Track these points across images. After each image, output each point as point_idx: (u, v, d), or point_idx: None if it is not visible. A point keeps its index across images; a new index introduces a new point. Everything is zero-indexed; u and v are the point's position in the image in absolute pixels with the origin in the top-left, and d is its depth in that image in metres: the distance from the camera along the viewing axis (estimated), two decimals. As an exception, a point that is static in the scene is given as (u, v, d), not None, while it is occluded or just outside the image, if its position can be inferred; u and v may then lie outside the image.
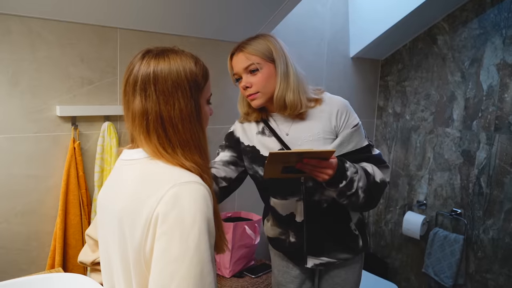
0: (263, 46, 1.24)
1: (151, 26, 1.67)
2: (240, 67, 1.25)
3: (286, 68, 1.25)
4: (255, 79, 1.24)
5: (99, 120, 1.60)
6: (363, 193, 1.22)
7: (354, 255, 1.40)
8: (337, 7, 2.43)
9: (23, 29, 1.39)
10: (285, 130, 1.32)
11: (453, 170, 2.49)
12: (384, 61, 2.83)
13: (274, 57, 1.25)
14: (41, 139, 1.48)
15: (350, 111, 1.32)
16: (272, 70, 1.25)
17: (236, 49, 1.28)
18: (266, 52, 1.24)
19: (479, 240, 2.40)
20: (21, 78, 1.41)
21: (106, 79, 1.60)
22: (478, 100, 2.34)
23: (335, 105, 1.31)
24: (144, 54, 0.85)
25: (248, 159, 1.36)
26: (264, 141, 1.33)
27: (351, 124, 1.30)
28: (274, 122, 1.34)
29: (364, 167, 1.26)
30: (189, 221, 0.70)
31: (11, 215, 1.46)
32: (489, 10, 2.26)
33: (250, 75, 1.24)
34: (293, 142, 1.30)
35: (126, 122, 0.84)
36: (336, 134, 1.30)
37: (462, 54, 2.40)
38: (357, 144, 1.30)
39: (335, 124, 1.29)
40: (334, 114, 1.29)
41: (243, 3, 1.73)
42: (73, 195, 1.52)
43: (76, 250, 1.54)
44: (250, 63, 1.23)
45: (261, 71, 1.23)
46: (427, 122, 2.61)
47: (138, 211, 0.74)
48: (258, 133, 1.36)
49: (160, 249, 0.70)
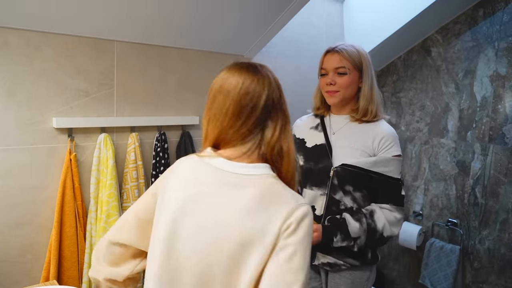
0: (357, 56, 1.40)
1: (149, 38, 1.68)
2: (332, 65, 1.40)
3: (372, 82, 1.42)
4: (341, 80, 1.39)
5: (95, 132, 1.61)
6: (360, 248, 1.36)
7: (362, 264, 1.43)
8: (332, 19, 2.47)
9: (21, 41, 1.40)
10: (334, 129, 1.47)
11: (448, 180, 2.51)
12: (380, 72, 2.86)
13: (362, 69, 1.41)
14: (38, 151, 1.49)
15: (395, 142, 1.41)
16: (356, 79, 1.41)
17: (333, 49, 1.42)
18: (357, 61, 1.40)
19: (475, 250, 2.41)
20: (18, 90, 1.42)
21: (103, 91, 1.61)
22: (472, 111, 2.37)
23: (384, 131, 1.41)
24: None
25: (295, 148, 1.49)
26: (313, 135, 1.49)
27: (392, 152, 1.39)
28: (329, 121, 1.49)
29: (373, 225, 1.35)
30: (310, 238, 0.78)
31: (6, 227, 1.45)
32: (481, 22, 2.30)
33: (338, 75, 1.39)
34: (335, 141, 1.44)
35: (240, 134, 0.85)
36: (374, 155, 1.40)
37: (456, 65, 2.43)
38: (390, 172, 1.37)
39: (375, 147, 1.39)
40: (378, 138, 1.39)
41: (239, 16, 1.75)
42: (68, 207, 1.51)
43: (71, 262, 1.53)
44: (341, 65, 1.38)
45: (348, 75, 1.39)
46: (422, 132, 2.63)
47: (264, 227, 0.76)
48: (312, 128, 1.52)
49: (283, 258, 0.74)
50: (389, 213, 1.37)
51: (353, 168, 1.36)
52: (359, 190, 1.38)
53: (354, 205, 1.38)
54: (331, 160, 1.40)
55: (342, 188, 1.38)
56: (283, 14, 1.83)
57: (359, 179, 1.37)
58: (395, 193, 1.38)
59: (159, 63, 1.76)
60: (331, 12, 2.45)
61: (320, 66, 1.45)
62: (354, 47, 1.42)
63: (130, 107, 1.68)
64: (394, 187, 1.38)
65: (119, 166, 1.68)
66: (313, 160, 1.44)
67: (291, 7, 1.79)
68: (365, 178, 1.36)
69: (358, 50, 1.42)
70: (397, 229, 1.38)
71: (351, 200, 1.39)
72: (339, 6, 2.49)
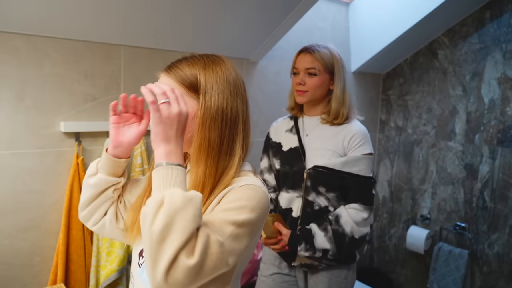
0: (329, 59, 1.41)
1: (155, 43, 1.69)
2: (303, 66, 1.42)
3: (344, 85, 1.43)
4: (310, 81, 1.41)
5: (102, 136, 1.62)
6: (334, 255, 1.37)
7: (338, 263, 1.44)
8: (338, 22, 2.46)
9: (30, 47, 1.42)
10: (307, 131, 1.48)
11: (456, 184, 2.49)
12: (386, 76, 2.85)
13: (334, 71, 1.43)
14: (46, 155, 1.50)
15: (366, 140, 1.42)
16: (326, 80, 1.43)
17: (306, 49, 1.44)
18: (329, 64, 1.42)
19: (484, 255, 2.38)
20: (27, 95, 1.44)
21: (110, 95, 1.62)
22: (480, 113, 2.35)
23: (354, 130, 1.42)
24: None
25: (272, 153, 1.55)
26: (288, 138, 1.50)
27: (361, 151, 1.40)
28: (302, 123, 1.51)
29: (340, 230, 1.35)
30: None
31: (15, 230, 1.46)
32: (488, 25, 2.28)
33: (308, 75, 1.42)
34: (308, 143, 1.45)
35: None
36: (345, 154, 1.41)
37: (463, 68, 2.41)
38: (361, 171, 1.38)
39: (346, 145, 1.40)
40: (348, 136, 1.41)
41: (245, 19, 1.75)
42: (76, 210, 1.52)
43: (78, 265, 1.54)
44: (312, 66, 1.41)
45: (318, 77, 1.41)
46: (429, 135, 2.61)
47: None
48: (287, 130, 1.53)
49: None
50: (356, 213, 1.37)
51: (324, 169, 1.38)
52: (332, 190, 1.40)
53: (329, 204, 1.41)
54: (305, 162, 1.42)
55: (316, 190, 1.40)
56: (289, 17, 1.83)
57: (331, 180, 1.38)
58: (364, 192, 1.39)
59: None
60: (337, 15, 2.45)
61: (293, 65, 1.48)
62: (328, 49, 1.44)
63: (136, 111, 1.68)
64: (364, 186, 1.39)
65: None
66: (288, 163, 1.47)
67: (297, 10, 1.80)
68: (337, 178, 1.38)
69: (332, 52, 1.43)
70: (367, 229, 1.39)
71: (325, 200, 1.41)
72: (344, 9, 2.49)
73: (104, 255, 1.56)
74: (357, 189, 1.38)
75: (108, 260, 1.57)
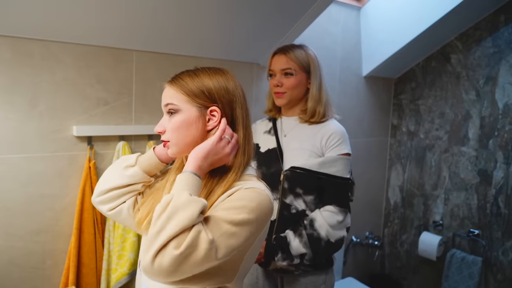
0: (304, 57, 1.41)
1: (166, 47, 1.70)
2: (278, 67, 1.43)
3: (320, 83, 1.43)
4: (287, 82, 1.41)
5: (114, 140, 1.63)
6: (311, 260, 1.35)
7: (315, 269, 1.42)
8: (349, 26, 2.45)
9: (44, 52, 1.44)
10: (285, 131, 1.47)
11: (469, 189, 2.45)
12: (397, 80, 2.82)
13: (310, 70, 1.42)
14: (58, 159, 1.52)
15: (344, 140, 1.41)
16: (303, 79, 1.42)
17: (280, 50, 1.45)
18: (304, 63, 1.42)
19: (498, 262, 2.33)
20: (40, 99, 1.45)
21: (122, 100, 1.64)
22: (494, 118, 2.31)
23: (332, 129, 1.41)
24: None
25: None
26: (267, 139, 1.49)
27: (338, 150, 1.38)
28: (280, 124, 1.50)
29: (315, 234, 1.33)
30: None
31: (27, 233, 1.48)
32: (502, 28, 2.25)
33: (284, 76, 1.42)
34: (286, 144, 1.44)
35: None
36: (323, 154, 1.40)
37: (477, 72, 2.38)
38: (339, 172, 1.36)
39: (323, 145, 1.39)
40: (326, 136, 1.40)
41: (255, 25, 1.76)
42: (87, 214, 1.53)
43: (89, 268, 1.55)
44: (288, 66, 1.41)
45: (294, 76, 1.41)
46: (442, 140, 2.58)
47: None
48: (265, 132, 1.53)
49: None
50: (331, 216, 1.34)
51: (301, 171, 1.36)
52: (309, 192, 1.38)
53: (306, 208, 1.38)
54: (282, 164, 1.41)
55: (293, 192, 1.38)
56: (300, 22, 1.83)
57: (308, 181, 1.36)
58: (340, 194, 1.37)
59: (176, 72, 1.77)
60: (348, 19, 2.44)
61: (268, 68, 1.48)
62: (302, 48, 1.44)
63: (148, 116, 1.70)
64: (341, 187, 1.36)
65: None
66: (265, 165, 1.44)
67: (308, 14, 1.79)
68: (314, 179, 1.36)
69: (307, 51, 1.44)
70: (343, 232, 1.36)
71: (303, 202, 1.38)
72: (355, 13, 2.48)
73: (115, 258, 1.57)
74: (333, 190, 1.36)
75: (119, 263, 1.58)
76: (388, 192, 2.94)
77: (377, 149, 2.84)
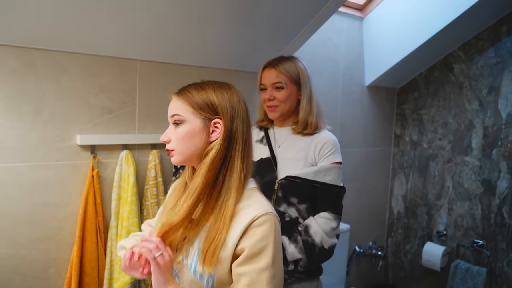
0: (293, 70, 1.42)
1: (170, 57, 1.72)
2: (269, 81, 1.43)
3: (310, 94, 1.44)
4: (279, 95, 1.42)
5: (117, 149, 1.64)
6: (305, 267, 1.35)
7: (306, 276, 1.42)
8: (352, 36, 2.47)
9: (48, 61, 1.46)
10: (279, 142, 1.48)
11: (473, 199, 2.43)
12: (400, 90, 2.83)
13: (300, 82, 1.43)
14: (62, 167, 1.52)
15: (336, 149, 1.43)
16: (294, 92, 1.43)
17: (269, 64, 1.45)
18: (294, 75, 1.42)
19: (503, 273, 2.31)
20: (44, 108, 1.47)
21: (125, 109, 1.65)
22: (497, 128, 2.31)
23: (325, 138, 1.43)
24: None
25: None
26: (259, 148, 1.49)
27: (331, 159, 1.41)
28: (273, 134, 1.50)
29: (310, 240, 1.34)
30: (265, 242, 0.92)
31: (30, 241, 1.48)
32: (505, 38, 2.26)
33: (276, 90, 1.43)
34: (280, 154, 1.45)
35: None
36: (316, 163, 1.41)
37: (479, 82, 2.38)
38: (334, 180, 1.39)
39: (316, 154, 1.41)
40: (319, 145, 1.42)
41: (259, 35, 1.77)
42: (90, 223, 1.54)
43: (91, 277, 1.54)
44: (278, 80, 1.41)
45: (286, 89, 1.41)
46: (445, 150, 2.57)
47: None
48: (257, 141, 1.52)
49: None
50: (326, 223, 1.35)
51: (297, 180, 1.37)
52: (303, 201, 1.38)
53: (299, 216, 1.39)
54: (276, 173, 1.41)
55: (287, 201, 1.39)
56: (303, 32, 1.84)
57: (303, 190, 1.37)
58: (335, 201, 1.39)
59: (180, 81, 1.78)
60: (351, 29, 2.45)
61: (259, 82, 1.49)
62: (291, 61, 1.45)
63: (151, 125, 1.71)
64: (335, 195, 1.38)
65: (140, 182, 1.70)
66: (259, 174, 1.43)
67: (311, 24, 1.81)
68: (309, 188, 1.37)
69: (296, 63, 1.44)
70: (335, 239, 1.38)
71: (296, 211, 1.39)
72: (358, 23, 2.49)
73: (117, 267, 1.57)
74: (328, 198, 1.38)
75: (121, 272, 1.57)
76: (392, 202, 2.93)
77: (380, 159, 2.83)
